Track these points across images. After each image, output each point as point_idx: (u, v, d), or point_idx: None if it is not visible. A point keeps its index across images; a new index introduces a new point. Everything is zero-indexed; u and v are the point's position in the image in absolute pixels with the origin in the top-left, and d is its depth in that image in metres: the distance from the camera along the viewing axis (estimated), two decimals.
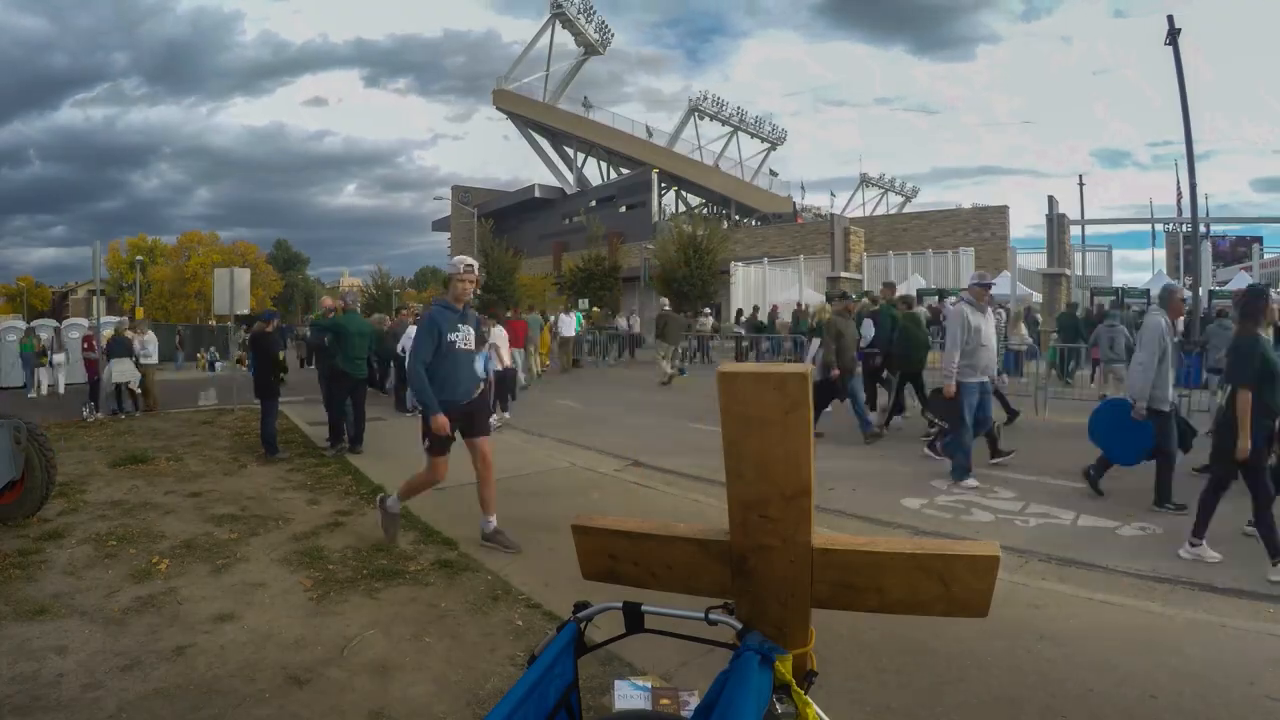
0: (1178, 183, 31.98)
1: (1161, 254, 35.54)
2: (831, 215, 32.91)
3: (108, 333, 12.13)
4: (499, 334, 10.59)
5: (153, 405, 11.86)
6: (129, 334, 11.96)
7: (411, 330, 10.66)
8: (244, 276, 12.43)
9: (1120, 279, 27.54)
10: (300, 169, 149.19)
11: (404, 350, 10.60)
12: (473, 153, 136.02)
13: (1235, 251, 33.80)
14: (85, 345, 13.02)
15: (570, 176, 55.62)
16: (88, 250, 13.09)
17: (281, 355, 8.65)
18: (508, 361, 10.51)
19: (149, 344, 12.29)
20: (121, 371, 11.23)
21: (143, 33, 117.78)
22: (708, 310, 26.33)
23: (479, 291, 35.26)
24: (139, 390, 11.67)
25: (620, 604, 1.38)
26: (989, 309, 6.78)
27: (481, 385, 4.70)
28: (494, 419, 9.23)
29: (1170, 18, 16.60)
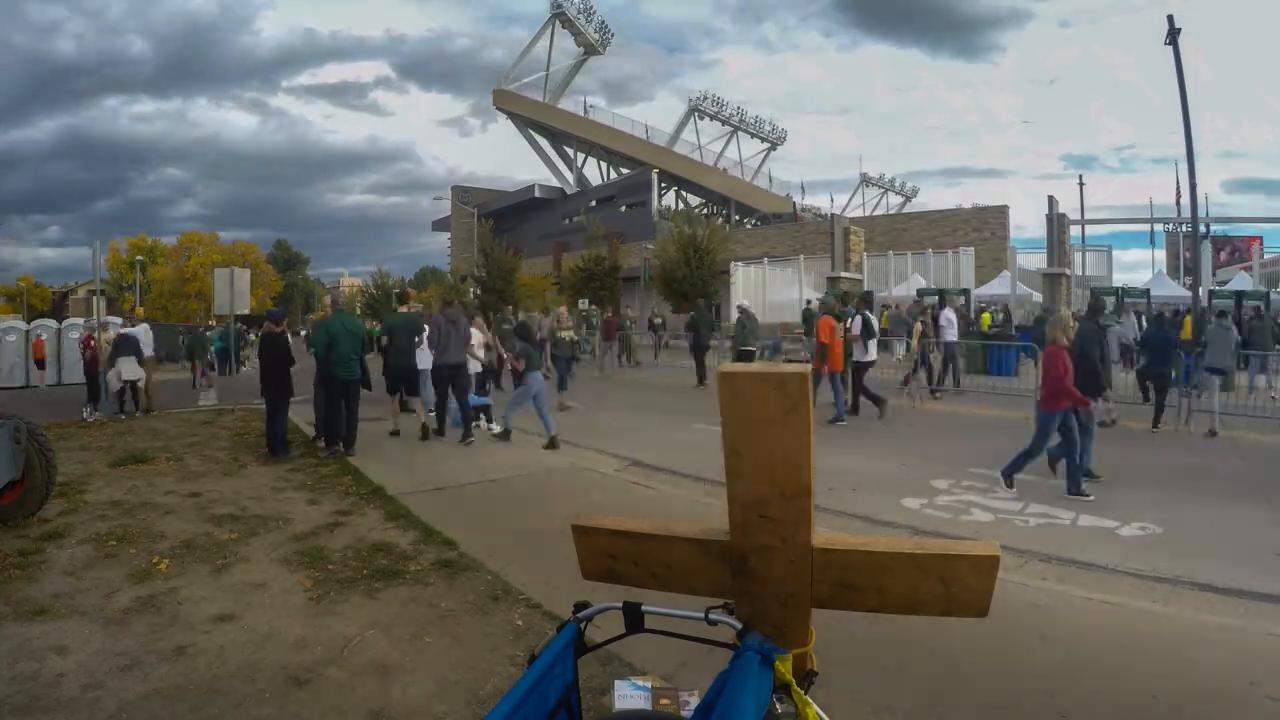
0: (1177, 183, 32.06)
1: (1157, 254, 35.71)
2: (831, 215, 32.94)
3: (108, 334, 12.10)
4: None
5: (150, 405, 11.89)
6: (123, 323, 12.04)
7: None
8: (244, 276, 12.46)
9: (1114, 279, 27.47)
10: (312, 166, 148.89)
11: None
12: (495, 151, 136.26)
13: (1219, 256, 33.95)
14: (84, 345, 13.01)
15: (570, 176, 55.66)
16: (83, 251, 13.14)
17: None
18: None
19: (140, 336, 12.38)
20: (130, 370, 11.23)
21: (159, 14, 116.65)
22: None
23: (478, 292, 35.27)
24: (143, 387, 11.72)
25: (620, 604, 1.38)
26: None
27: None
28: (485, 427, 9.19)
29: (1170, 18, 16.63)
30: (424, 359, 10.26)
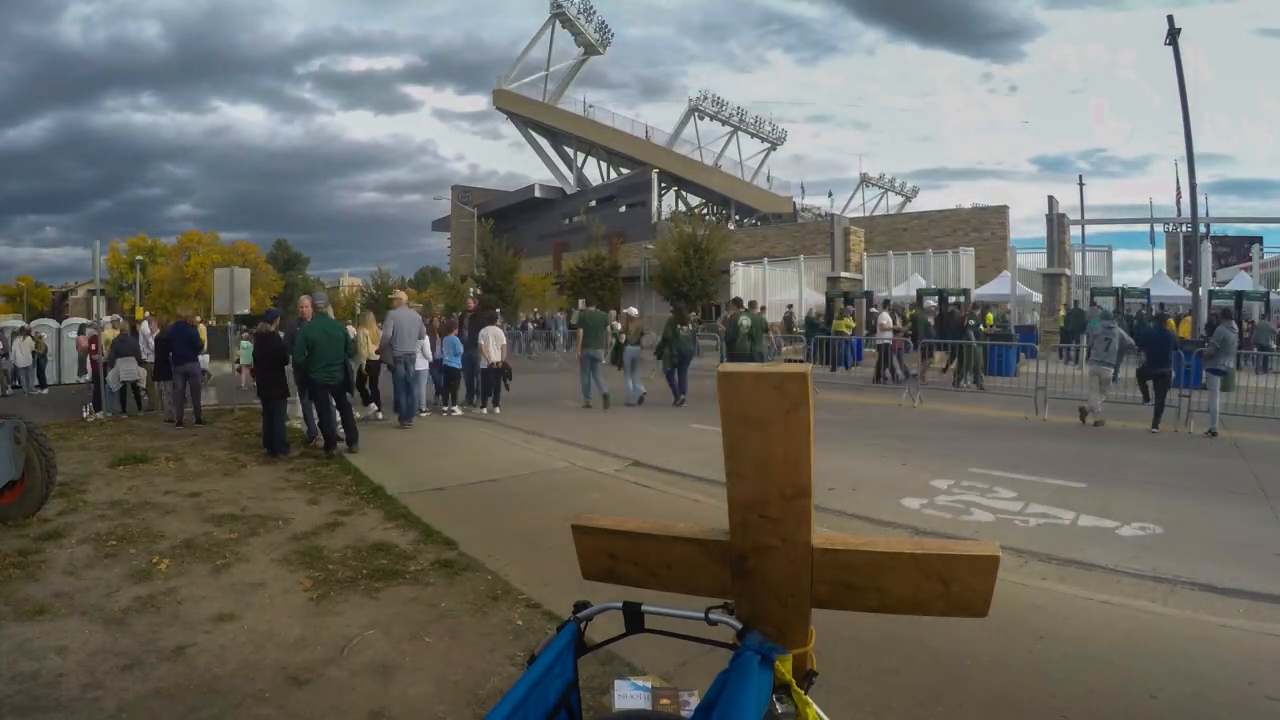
0: (1177, 183, 32.11)
1: (1157, 254, 35.78)
2: (831, 215, 32.93)
3: (108, 332, 12.10)
4: (490, 333, 10.76)
5: (153, 404, 12.01)
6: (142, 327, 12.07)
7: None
8: (244, 276, 12.43)
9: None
10: (322, 163, 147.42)
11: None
12: (514, 150, 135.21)
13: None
14: (92, 346, 12.96)
15: (570, 176, 55.63)
16: (81, 251, 13.13)
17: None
18: (494, 358, 10.73)
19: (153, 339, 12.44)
20: (129, 371, 11.26)
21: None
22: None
23: (478, 292, 35.45)
24: (144, 387, 11.77)
25: (620, 604, 1.38)
26: None
27: None
28: (484, 410, 9.28)
29: (1170, 18, 16.62)
30: (421, 360, 10.34)
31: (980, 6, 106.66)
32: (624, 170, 52.72)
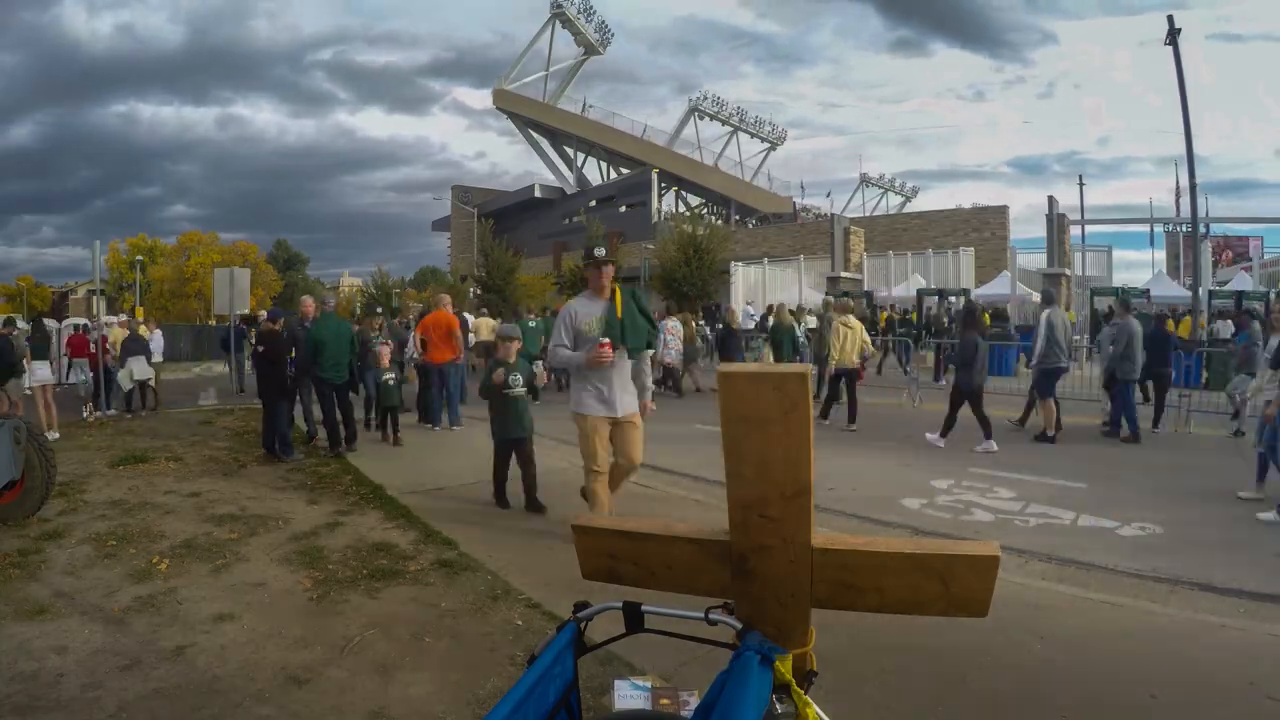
0: (1177, 182, 32.15)
1: (1156, 254, 35.86)
2: (832, 215, 32.93)
3: (117, 331, 12.13)
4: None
5: (157, 403, 11.99)
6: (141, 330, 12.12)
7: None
8: (244, 276, 12.47)
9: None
10: (332, 163, 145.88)
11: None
12: (529, 149, 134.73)
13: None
14: (103, 344, 12.93)
15: (570, 176, 55.61)
16: (79, 251, 13.12)
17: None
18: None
19: (154, 343, 12.50)
20: (141, 370, 11.30)
21: None
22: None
23: (478, 291, 35.28)
24: (153, 386, 11.83)
25: (620, 604, 1.38)
26: None
27: None
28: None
29: (1170, 17, 16.64)
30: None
31: (966, 10, 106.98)
32: (624, 170, 52.71)
